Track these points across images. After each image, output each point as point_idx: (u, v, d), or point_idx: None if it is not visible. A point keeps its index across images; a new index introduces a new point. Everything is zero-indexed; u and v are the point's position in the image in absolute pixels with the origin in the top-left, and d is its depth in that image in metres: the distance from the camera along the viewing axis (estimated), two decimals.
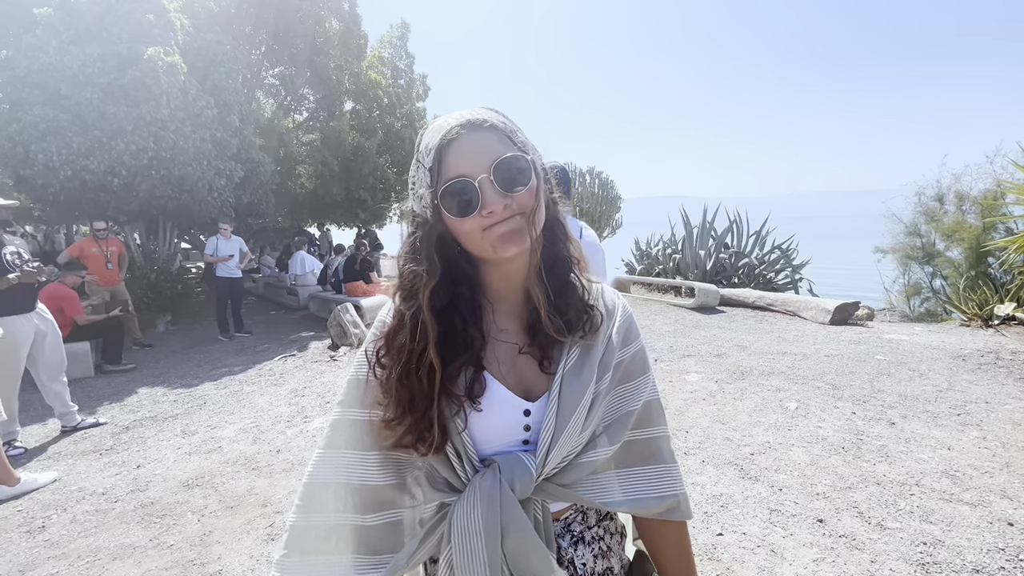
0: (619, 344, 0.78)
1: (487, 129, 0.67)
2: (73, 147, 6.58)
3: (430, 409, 0.69)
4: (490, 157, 0.65)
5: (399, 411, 0.70)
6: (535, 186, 0.67)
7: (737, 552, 2.17)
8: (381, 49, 13.33)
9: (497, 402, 0.72)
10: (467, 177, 0.64)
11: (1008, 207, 7.17)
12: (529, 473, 0.69)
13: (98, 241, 6.69)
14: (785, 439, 3.20)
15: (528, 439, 0.73)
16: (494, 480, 0.68)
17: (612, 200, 15.64)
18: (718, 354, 5.15)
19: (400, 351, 0.70)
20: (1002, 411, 3.50)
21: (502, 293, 0.76)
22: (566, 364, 0.72)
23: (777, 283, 9.61)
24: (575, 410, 0.70)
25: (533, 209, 0.67)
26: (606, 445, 0.75)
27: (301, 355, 6.18)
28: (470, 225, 0.65)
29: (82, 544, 2.53)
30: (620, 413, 0.77)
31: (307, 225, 15.03)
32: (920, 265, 8.80)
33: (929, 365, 4.56)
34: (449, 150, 0.65)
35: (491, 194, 0.64)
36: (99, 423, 4.24)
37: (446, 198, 0.65)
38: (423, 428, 0.69)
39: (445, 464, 0.72)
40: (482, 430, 0.72)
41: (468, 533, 0.67)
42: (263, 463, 3.32)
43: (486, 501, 0.67)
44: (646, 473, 0.78)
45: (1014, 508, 2.38)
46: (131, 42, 6.82)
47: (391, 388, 0.70)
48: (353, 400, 0.77)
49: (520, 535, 0.67)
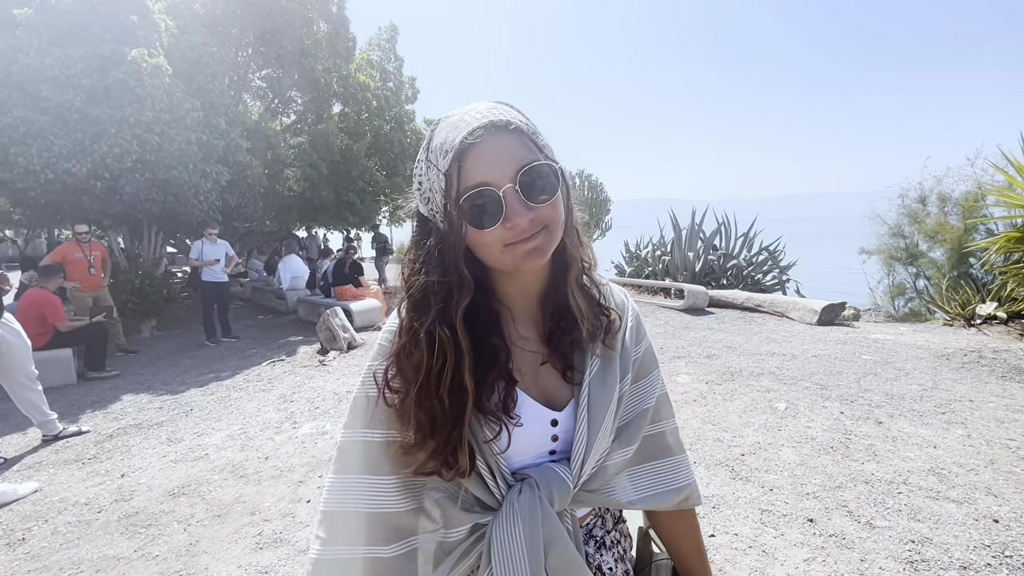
0: (633, 342, 0.78)
1: (511, 132, 0.60)
2: (54, 150, 6.46)
3: (456, 431, 0.63)
4: (515, 164, 0.59)
5: (419, 436, 0.63)
6: (559, 196, 0.63)
7: (729, 553, 2.18)
8: (370, 52, 13.27)
9: (526, 414, 0.69)
10: (490, 186, 0.58)
11: (988, 208, 7.32)
12: (566, 485, 0.68)
13: (81, 245, 6.61)
14: (775, 439, 3.22)
15: (555, 449, 0.72)
16: (533, 496, 0.66)
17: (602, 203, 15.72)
18: (708, 355, 5.19)
19: (416, 370, 0.63)
20: (985, 409, 3.56)
21: (518, 301, 0.73)
22: (591, 371, 0.71)
23: (765, 284, 9.72)
24: (605, 416, 0.70)
25: (557, 221, 0.62)
26: (628, 444, 0.75)
27: (290, 360, 6.11)
28: (491, 238, 0.60)
29: (64, 556, 2.47)
30: (638, 411, 0.77)
31: (295, 228, 14.91)
32: (904, 266, 8.95)
33: (914, 364, 4.63)
34: (469, 154, 0.59)
35: (516, 205, 0.59)
36: (82, 431, 4.13)
37: (466, 208, 0.59)
38: (447, 452, 0.63)
39: (477, 483, 0.68)
40: (512, 445, 0.69)
41: (511, 553, 0.64)
42: (251, 470, 3.27)
43: (527, 518, 0.65)
44: (660, 467, 0.79)
45: (999, 505, 2.42)
46: (114, 43, 6.71)
47: (408, 412, 0.64)
48: (361, 420, 0.71)
49: (562, 551, 0.65)
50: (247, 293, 11.71)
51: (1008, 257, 5.30)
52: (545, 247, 0.62)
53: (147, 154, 6.86)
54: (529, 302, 0.73)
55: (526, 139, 0.61)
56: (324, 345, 6.35)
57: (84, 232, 6.68)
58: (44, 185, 6.59)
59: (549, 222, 0.62)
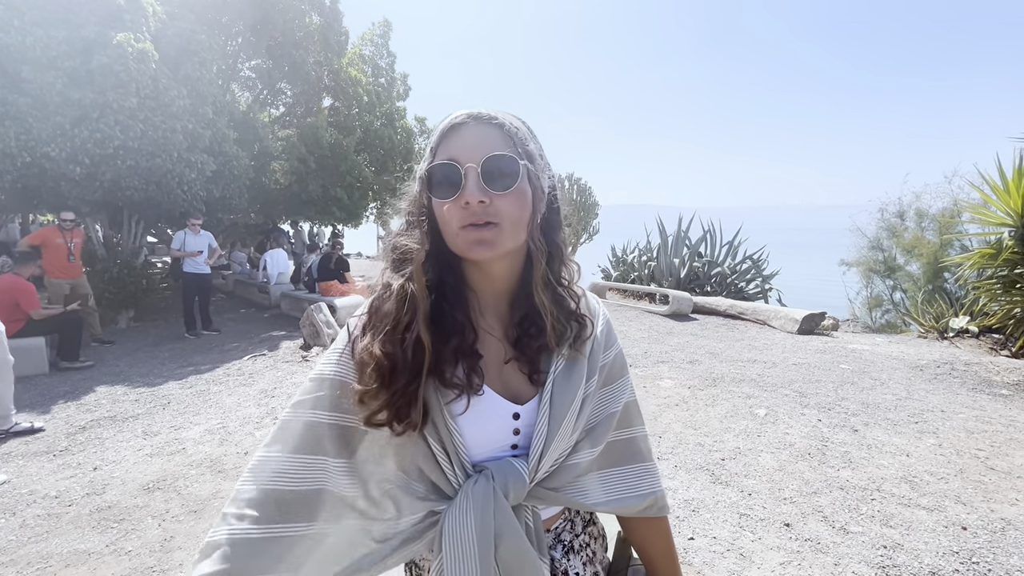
0: (602, 348, 0.79)
1: (493, 126, 0.67)
2: (33, 133, 6.27)
3: (413, 385, 0.65)
4: (485, 151, 0.64)
5: (378, 381, 0.65)
6: (524, 195, 0.66)
7: (708, 556, 2.20)
8: (362, 46, 13.17)
9: (488, 405, 0.71)
10: (456, 162, 0.64)
11: (964, 225, 7.54)
12: (522, 478, 0.69)
13: (63, 232, 6.46)
14: (754, 445, 3.28)
15: (517, 443, 0.73)
16: (487, 486, 0.67)
17: (590, 207, 15.83)
18: (691, 360, 5.25)
19: (384, 319, 0.67)
20: (956, 419, 3.66)
21: (485, 293, 0.75)
22: (556, 368, 0.73)
23: (748, 292, 9.87)
24: (566, 413, 0.71)
25: (514, 220, 0.65)
26: (592, 447, 0.76)
27: (272, 355, 6.03)
28: (449, 213, 0.65)
29: (32, 550, 2.40)
30: (604, 415, 0.79)
31: (281, 222, 14.71)
32: (882, 278, 9.18)
33: (889, 375, 4.74)
34: (451, 134, 0.67)
35: (473, 185, 0.63)
36: (34, 429, 3.86)
37: (432, 175, 0.66)
38: (402, 404, 0.65)
39: (434, 468, 0.69)
40: (473, 435, 0.70)
41: (461, 541, 0.65)
42: (229, 465, 3.22)
43: (479, 508, 0.66)
44: (627, 473, 0.80)
45: (967, 513, 2.49)
46: (99, 26, 6.54)
47: (372, 357, 0.66)
48: (312, 401, 0.69)
49: (513, 543, 0.66)
50: (229, 286, 11.50)
51: (981, 273, 5.47)
52: (493, 241, 0.64)
53: (130, 141, 6.70)
54: (496, 298, 0.75)
55: (507, 137, 0.67)
56: (307, 340, 6.27)
57: (69, 220, 6.53)
58: (21, 169, 6.40)
59: (504, 219, 0.64)
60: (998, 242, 5.20)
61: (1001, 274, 5.10)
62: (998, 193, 5.16)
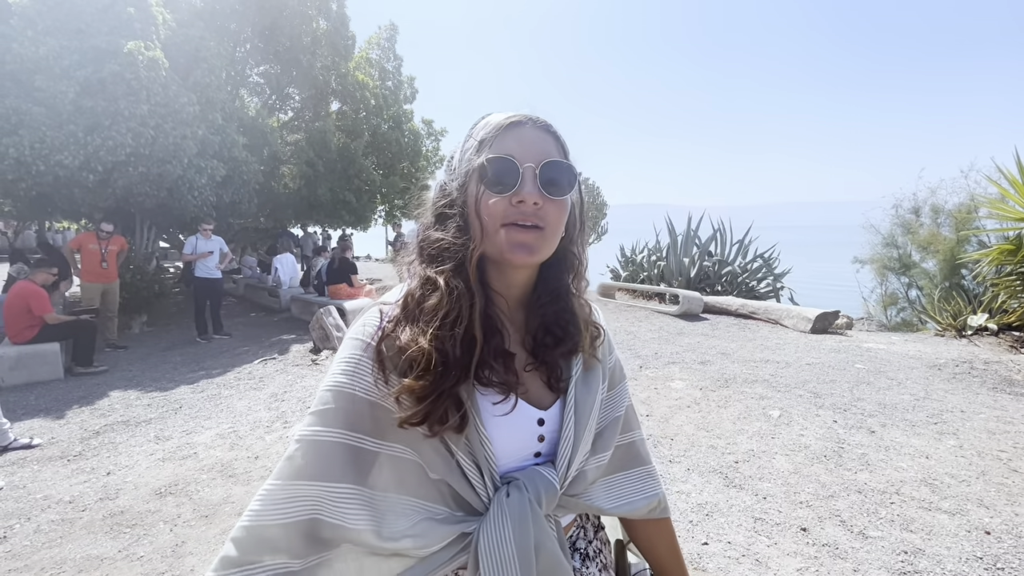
0: (605, 353, 0.81)
1: (549, 133, 0.68)
2: (47, 141, 6.37)
3: (459, 385, 0.61)
4: (543, 155, 0.65)
5: (429, 377, 0.60)
6: (568, 206, 0.68)
7: (722, 561, 2.16)
8: (369, 50, 13.23)
9: (516, 410, 0.68)
10: (515, 159, 0.64)
11: (981, 221, 7.39)
12: (553, 487, 0.67)
13: (100, 240, 6.80)
14: (768, 447, 3.22)
15: (540, 451, 0.71)
16: (521, 497, 0.64)
17: (598, 207, 15.79)
18: (702, 361, 5.19)
19: (429, 313, 0.62)
20: (977, 420, 3.57)
21: (504, 297, 0.73)
22: (576, 374, 0.73)
23: (759, 291, 9.75)
24: (589, 416, 0.72)
25: (555, 227, 0.66)
26: (604, 451, 0.76)
27: (282, 358, 6.06)
28: (496, 208, 0.63)
29: (46, 555, 2.42)
30: (611, 419, 0.80)
31: (291, 226, 14.82)
32: (897, 276, 9.02)
33: (906, 374, 4.65)
34: (510, 131, 0.66)
35: (529, 184, 0.63)
36: (32, 444, 3.72)
37: (487, 166, 0.64)
38: (449, 404, 0.61)
39: (463, 483, 0.65)
40: (502, 443, 0.67)
41: (501, 559, 0.61)
42: (240, 470, 3.22)
43: (516, 520, 0.62)
44: (631, 476, 0.81)
45: (990, 517, 2.42)
46: (110, 35, 6.64)
47: (422, 352, 0.60)
48: (330, 419, 0.64)
49: (551, 555, 0.64)
50: (240, 290, 11.60)
51: (1000, 269, 5.35)
52: (536, 246, 0.64)
53: (141, 148, 6.79)
54: (513, 305, 0.74)
55: (560, 148, 0.69)
56: (317, 344, 6.30)
57: (107, 231, 6.86)
58: (35, 177, 6.51)
59: (549, 225, 0.64)
60: (1017, 237, 5.09)
61: (1021, 270, 4.98)
62: (1016, 187, 5.05)
